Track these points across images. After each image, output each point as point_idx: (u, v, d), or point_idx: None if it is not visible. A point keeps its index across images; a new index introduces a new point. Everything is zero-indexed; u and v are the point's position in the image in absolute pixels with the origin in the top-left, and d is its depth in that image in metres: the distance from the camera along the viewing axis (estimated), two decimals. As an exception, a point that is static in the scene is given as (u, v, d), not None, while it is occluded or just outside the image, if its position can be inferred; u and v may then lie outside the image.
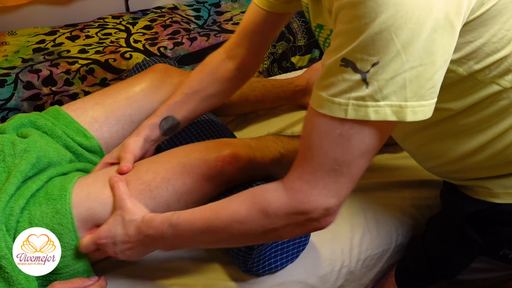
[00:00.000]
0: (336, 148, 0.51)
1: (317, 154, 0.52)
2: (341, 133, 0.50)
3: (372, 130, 0.50)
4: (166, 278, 0.80)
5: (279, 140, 0.92)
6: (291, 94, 1.23)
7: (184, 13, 1.69)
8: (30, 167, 0.73)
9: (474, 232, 0.73)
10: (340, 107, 0.48)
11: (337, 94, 0.48)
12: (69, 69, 1.29)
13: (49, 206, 0.70)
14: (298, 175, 0.54)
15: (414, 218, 0.96)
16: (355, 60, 0.47)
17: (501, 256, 0.72)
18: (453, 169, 0.72)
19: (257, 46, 0.84)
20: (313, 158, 0.53)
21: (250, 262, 0.76)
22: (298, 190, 0.54)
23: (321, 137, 0.52)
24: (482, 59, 0.55)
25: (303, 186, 0.54)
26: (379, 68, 0.46)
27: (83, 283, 0.67)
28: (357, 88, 0.47)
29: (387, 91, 0.47)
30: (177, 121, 0.86)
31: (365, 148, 0.51)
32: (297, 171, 0.55)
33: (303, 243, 0.82)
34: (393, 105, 0.47)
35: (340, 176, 0.52)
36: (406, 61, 0.46)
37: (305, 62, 1.68)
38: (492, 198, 0.69)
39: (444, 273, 0.80)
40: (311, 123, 0.53)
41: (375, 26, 0.45)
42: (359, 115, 0.48)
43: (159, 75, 0.98)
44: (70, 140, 0.85)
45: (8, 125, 0.82)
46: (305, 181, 0.53)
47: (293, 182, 0.55)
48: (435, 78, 0.48)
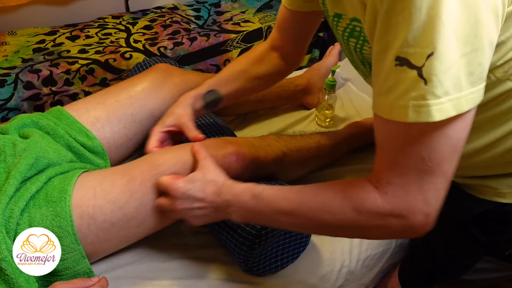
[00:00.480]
0: (420, 149, 0.48)
1: (401, 158, 0.50)
2: (418, 134, 0.48)
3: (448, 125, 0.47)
4: (166, 278, 0.80)
5: (281, 139, 0.93)
6: (292, 93, 1.23)
7: (184, 13, 1.69)
8: (28, 167, 0.73)
9: (480, 232, 0.73)
10: (402, 110, 0.46)
11: (398, 97, 0.46)
12: (69, 69, 1.29)
13: (49, 209, 0.70)
14: (387, 179, 0.52)
15: (414, 218, 0.96)
16: (408, 55, 0.45)
17: (507, 256, 0.72)
18: (460, 166, 0.71)
19: (293, 41, 0.88)
20: (398, 161, 0.50)
21: (250, 262, 0.76)
22: (393, 195, 0.51)
23: (399, 142, 0.50)
24: (504, 54, 0.54)
25: (397, 191, 0.51)
26: (435, 60, 0.44)
27: (84, 283, 0.67)
28: (415, 86, 0.45)
29: (447, 84, 0.44)
30: (220, 96, 0.87)
31: (452, 143, 0.49)
32: (384, 174, 0.52)
33: (303, 243, 0.83)
34: (453, 99, 0.45)
35: (433, 177, 0.49)
36: (457, 48, 0.44)
37: (305, 62, 1.69)
38: (499, 198, 0.68)
39: (449, 273, 0.80)
40: (383, 130, 0.51)
41: (422, 14, 0.43)
42: (422, 116, 0.45)
43: (160, 75, 0.98)
44: (72, 140, 0.85)
45: (10, 126, 0.82)
46: (397, 186, 0.51)
47: (384, 186, 0.52)
48: (484, 63, 0.46)
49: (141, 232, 0.77)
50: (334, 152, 1.01)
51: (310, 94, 1.25)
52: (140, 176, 0.75)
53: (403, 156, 0.50)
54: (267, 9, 1.74)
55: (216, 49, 1.49)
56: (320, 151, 0.97)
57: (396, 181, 0.51)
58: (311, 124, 1.21)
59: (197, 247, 0.86)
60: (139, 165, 0.78)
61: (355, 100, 1.31)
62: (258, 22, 1.62)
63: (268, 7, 1.77)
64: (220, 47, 1.50)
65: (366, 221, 0.54)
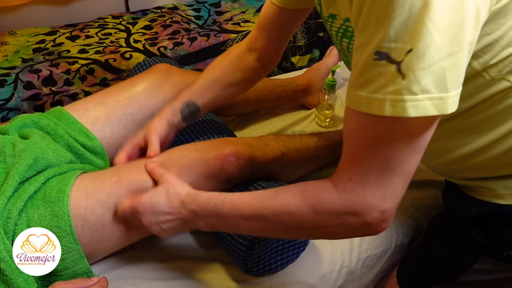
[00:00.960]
0: (383, 146, 0.49)
1: (364, 155, 0.50)
2: (385, 130, 0.48)
3: (417, 124, 0.47)
4: (166, 278, 0.80)
5: (280, 139, 0.92)
6: (292, 93, 1.23)
7: (184, 13, 1.69)
8: (27, 168, 0.73)
9: (479, 233, 0.73)
10: (379, 103, 0.46)
11: (375, 91, 0.46)
12: (69, 69, 1.29)
13: (47, 209, 0.70)
14: (348, 176, 0.52)
15: (414, 218, 0.96)
16: (388, 50, 0.44)
17: (505, 257, 0.72)
18: (457, 168, 0.72)
19: (275, 40, 0.86)
20: (361, 158, 0.51)
21: (250, 262, 0.76)
22: (350, 192, 0.52)
23: (365, 137, 0.50)
24: (498, 53, 0.54)
25: (355, 188, 0.51)
26: (414, 56, 0.43)
27: (85, 283, 0.67)
28: (393, 81, 0.45)
29: (425, 82, 0.44)
30: (197, 107, 0.86)
31: (414, 143, 0.49)
32: (346, 171, 0.52)
33: (303, 243, 0.83)
34: (433, 98, 0.45)
35: (392, 175, 0.50)
36: (443, 47, 0.43)
37: (305, 62, 1.69)
38: (497, 199, 0.69)
39: (448, 274, 0.80)
40: (353, 124, 0.51)
41: (405, 10, 0.42)
42: (396, 111, 0.45)
43: (160, 75, 0.98)
44: (72, 140, 0.85)
45: (10, 126, 0.82)
46: (357, 182, 0.51)
47: (344, 183, 0.52)
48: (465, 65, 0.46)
49: (134, 234, 0.78)
50: (333, 152, 1.01)
51: (310, 94, 1.25)
52: (127, 178, 0.75)
53: (366, 152, 0.50)
54: (267, 9, 1.74)
55: (216, 49, 1.49)
56: (319, 151, 0.97)
57: (356, 178, 0.51)
58: (311, 124, 1.21)
59: (197, 247, 0.86)
60: (127, 167, 0.78)
61: (355, 100, 1.31)
62: (258, 22, 1.62)
63: (268, 7, 1.77)
64: (220, 47, 1.50)
65: (324, 220, 0.55)
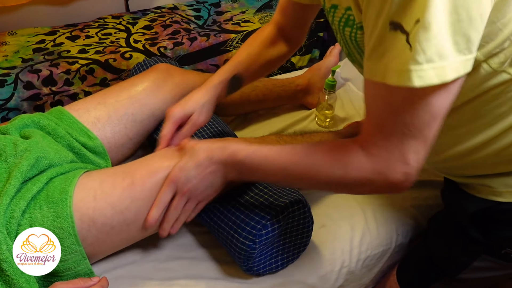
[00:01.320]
0: (403, 114, 0.51)
1: (386, 122, 0.53)
2: (402, 99, 0.50)
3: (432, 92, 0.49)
4: (166, 278, 0.80)
5: (281, 139, 0.93)
6: (292, 93, 1.23)
7: (184, 13, 1.69)
8: (29, 168, 0.73)
9: (477, 231, 0.73)
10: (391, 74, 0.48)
11: (391, 61, 0.48)
12: (69, 69, 1.29)
13: (50, 210, 0.70)
14: (374, 141, 0.56)
15: (414, 218, 0.96)
16: (401, 20, 0.46)
17: (503, 255, 0.73)
18: (457, 165, 0.72)
19: (295, 26, 0.90)
20: (383, 125, 0.54)
21: (251, 261, 0.76)
22: (377, 156, 0.55)
23: (385, 106, 0.52)
24: (501, 43, 0.54)
25: (381, 152, 0.55)
26: (420, 27, 0.45)
27: (85, 283, 0.66)
28: (402, 51, 0.46)
29: (430, 53, 0.45)
30: (242, 81, 0.87)
31: (432, 111, 0.51)
32: (372, 137, 0.56)
33: (303, 243, 0.83)
34: (436, 67, 0.46)
35: (413, 140, 0.53)
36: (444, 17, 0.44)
37: (305, 62, 1.69)
38: (495, 197, 0.69)
39: (446, 272, 0.80)
40: (372, 94, 0.54)
41: None
42: (403, 81, 0.47)
43: (161, 75, 0.98)
44: (73, 140, 0.85)
45: (11, 126, 0.82)
46: (382, 147, 0.55)
47: (371, 147, 0.56)
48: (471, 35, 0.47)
49: (142, 235, 0.78)
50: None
51: (310, 94, 1.25)
52: (140, 181, 0.74)
53: (388, 120, 0.53)
54: (267, 9, 1.75)
55: (216, 49, 1.49)
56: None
57: (381, 144, 0.55)
58: (311, 124, 1.21)
59: (197, 247, 0.86)
60: (139, 168, 0.77)
61: (355, 100, 1.31)
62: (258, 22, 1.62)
63: (268, 7, 1.77)
64: (220, 47, 1.50)
65: (353, 179, 0.59)
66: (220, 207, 0.80)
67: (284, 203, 0.75)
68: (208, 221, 0.82)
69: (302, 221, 0.79)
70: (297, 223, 0.79)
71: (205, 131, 0.95)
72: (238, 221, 0.76)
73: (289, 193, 0.78)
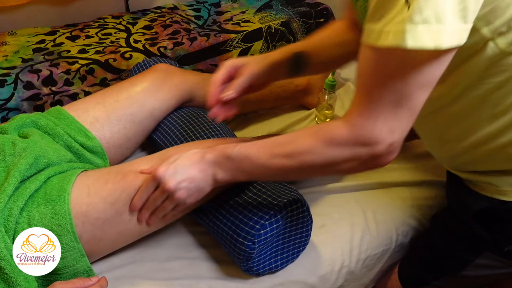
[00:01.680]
0: (391, 80, 0.51)
1: (374, 90, 0.53)
2: (393, 64, 0.50)
3: (423, 58, 0.49)
4: (166, 278, 0.80)
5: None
6: (292, 93, 1.23)
7: (184, 13, 1.69)
8: (27, 167, 0.73)
9: (481, 228, 0.73)
10: (385, 36, 0.48)
11: (386, 23, 0.48)
12: (69, 69, 1.29)
13: (48, 207, 0.70)
14: (359, 112, 0.55)
15: (414, 218, 0.96)
16: None
17: (506, 252, 0.73)
18: (466, 160, 0.72)
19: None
20: (371, 93, 0.53)
21: (250, 261, 0.76)
22: (360, 126, 0.55)
23: (375, 72, 0.52)
24: (509, 20, 0.53)
25: (364, 122, 0.55)
26: None
27: (84, 283, 0.67)
28: (401, 11, 0.46)
29: (427, 13, 0.45)
30: (306, 60, 0.83)
31: (421, 78, 0.50)
32: (357, 108, 0.56)
33: (303, 243, 0.83)
34: (432, 30, 0.46)
35: (400, 109, 0.53)
36: None
37: (305, 62, 1.68)
38: (500, 196, 0.69)
39: (448, 269, 0.81)
40: (365, 59, 0.54)
41: None
42: (396, 41, 0.47)
43: (160, 75, 0.98)
44: (71, 140, 0.85)
45: (9, 125, 0.83)
46: (366, 117, 0.55)
47: (354, 118, 0.56)
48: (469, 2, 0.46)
49: (134, 227, 0.77)
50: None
51: (310, 94, 1.25)
52: (132, 174, 0.76)
53: (375, 86, 0.53)
54: (267, 9, 1.74)
55: (216, 49, 1.49)
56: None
57: (366, 113, 0.55)
58: (311, 124, 1.21)
59: (197, 247, 0.86)
60: (131, 164, 0.79)
61: (355, 100, 1.31)
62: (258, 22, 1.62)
63: (268, 7, 1.76)
64: (220, 47, 1.50)
65: (336, 155, 0.59)
66: (218, 207, 0.80)
67: (283, 202, 0.75)
68: (207, 221, 0.82)
69: (301, 221, 0.79)
70: (296, 222, 0.79)
71: (204, 130, 0.95)
72: (236, 221, 0.76)
73: (288, 192, 0.78)
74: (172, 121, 0.99)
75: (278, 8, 1.74)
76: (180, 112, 1.01)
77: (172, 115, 1.01)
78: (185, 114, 1.00)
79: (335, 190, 0.99)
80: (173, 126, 0.97)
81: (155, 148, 1.01)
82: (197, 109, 1.03)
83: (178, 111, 1.02)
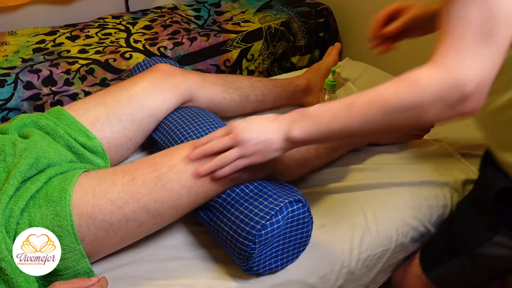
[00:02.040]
0: (478, 12, 0.51)
1: (459, 24, 0.53)
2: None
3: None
4: (166, 278, 0.80)
5: None
6: (292, 94, 1.23)
7: (184, 13, 1.69)
8: (28, 167, 0.73)
9: (503, 206, 0.75)
10: None
11: None
12: (69, 69, 1.29)
13: (49, 208, 0.70)
14: (444, 50, 0.54)
15: (414, 218, 0.96)
16: None
17: None
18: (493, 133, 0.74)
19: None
20: (457, 28, 0.53)
21: (250, 261, 0.76)
22: (446, 65, 0.54)
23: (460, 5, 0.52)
24: None
25: (452, 59, 0.53)
26: None
27: (84, 283, 0.67)
28: None
29: None
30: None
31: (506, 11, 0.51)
32: (442, 47, 0.55)
33: (303, 243, 0.83)
34: None
35: (487, 45, 0.52)
36: None
37: (305, 62, 1.69)
38: None
39: (466, 246, 0.82)
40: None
41: None
42: None
43: (160, 75, 0.98)
44: (72, 140, 0.85)
45: (10, 126, 0.83)
46: (453, 54, 0.53)
47: (440, 60, 0.54)
48: None
49: (140, 233, 0.77)
50: (334, 152, 1.01)
51: (310, 94, 1.25)
52: (142, 177, 0.74)
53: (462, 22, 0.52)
54: (267, 9, 1.74)
55: (216, 49, 1.50)
56: (319, 151, 0.97)
57: (451, 53, 0.53)
58: (311, 124, 1.21)
59: (197, 247, 0.86)
60: (140, 166, 0.77)
61: (355, 100, 1.31)
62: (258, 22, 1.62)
63: (268, 7, 1.77)
64: (220, 47, 1.50)
65: (422, 96, 0.56)
66: (219, 207, 0.80)
67: (284, 203, 0.75)
68: (207, 221, 0.82)
69: (301, 221, 0.79)
70: (296, 223, 0.79)
71: (203, 130, 0.95)
72: (237, 221, 0.76)
73: (289, 193, 0.78)
74: (172, 121, 0.99)
75: (278, 8, 1.74)
76: (180, 112, 1.01)
77: (172, 115, 1.01)
78: (185, 114, 1.00)
79: (335, 190, 0.99)
80: (173, 126, 0.97)
81: (155, 148, 1.01)
82: (197, 109, 1.03)
83: (178, 111, 1.02)
